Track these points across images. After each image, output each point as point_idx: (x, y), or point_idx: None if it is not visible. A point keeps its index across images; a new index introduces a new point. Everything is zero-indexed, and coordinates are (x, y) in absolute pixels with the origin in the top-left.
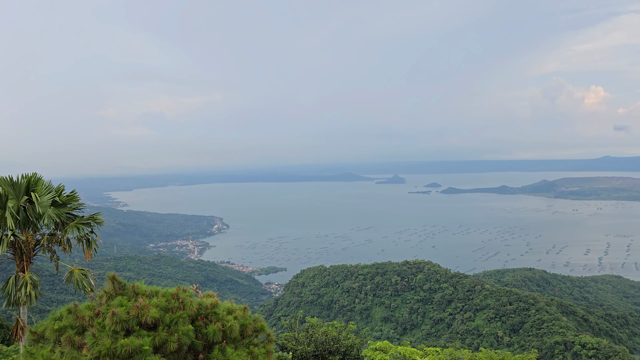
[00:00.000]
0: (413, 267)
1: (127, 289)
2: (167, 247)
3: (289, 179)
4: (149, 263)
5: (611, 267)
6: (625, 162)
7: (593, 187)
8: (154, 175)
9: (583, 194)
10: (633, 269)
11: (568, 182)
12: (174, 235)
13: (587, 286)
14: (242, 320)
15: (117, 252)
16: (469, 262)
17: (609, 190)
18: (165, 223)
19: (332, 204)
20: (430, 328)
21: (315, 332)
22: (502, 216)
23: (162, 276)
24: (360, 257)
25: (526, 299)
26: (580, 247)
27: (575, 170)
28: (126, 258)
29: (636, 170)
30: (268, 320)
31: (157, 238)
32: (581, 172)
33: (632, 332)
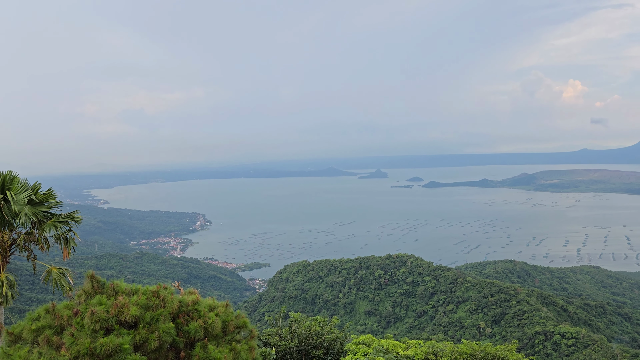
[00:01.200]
0: (396, 260)
1: (106, 287)
2: (150, 244)
3: (271, 175)
4: (131, 261)
5: (589, 258)
6: (602, 154)
7: (571, 180)
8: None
9: (562, 187)
10: (610, 260)
11: (547, 175)
12: (156, 233)
13: (566, 277)
14: (224, 316)
15: (98, 251)
16: (451, 255)
17: (587, 182)
18: (147, 220)
19: (315, 199)
20: (413, 321)
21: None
22: (483, 209)
23: (144, 274)
24: (343, 252)
25: (507, 290)
26: (559, 239)
27: (554, 163)
28: (107, 256)
29: (613, 162)
30: (252, 316)
31: (139, 235)
32: (560, 165)
33: (610, 321)
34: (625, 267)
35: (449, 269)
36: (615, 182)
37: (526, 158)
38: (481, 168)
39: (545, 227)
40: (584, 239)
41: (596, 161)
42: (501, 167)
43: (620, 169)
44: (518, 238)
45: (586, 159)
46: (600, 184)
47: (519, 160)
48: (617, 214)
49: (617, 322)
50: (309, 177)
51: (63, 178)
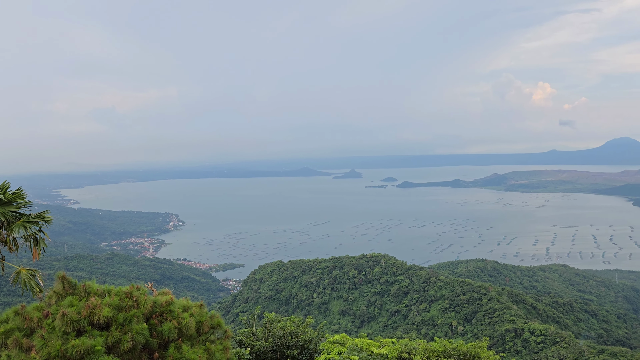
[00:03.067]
0: (370, 260)
1: (78, 288)
2: (121, 245)
3: (246, 175)
4: (102, 262)
5: (558, 257)
6: (570, 156)
7: (541, 180)
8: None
9: (532, 187)
10: (578, 258)
11: (517, 175)
12: (128, 233)
13: (536, 275)
14: (198, 317)
15: (67, 252)
16: (424, 255)
17: (555, 183)
18: (119, 221)
19: (290, 199)
20: (387, 320)
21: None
22: (456, 209)
23: (115, 275)
24: (318, 252)
25: (479, 289)
26: (529, 238)
27: (524, 164)
28: (77, 257)
29: (581, 163)
30: (226, 317)
31: (110, 236)
32: (530, 165)
33: (577, 317)
34: (591, 265)
35: (422, 268)
36: (583, 182)
37: (497, 159)
38: (453, 168)
39: (515, 227)
40: (553, 238)
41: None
42: (473, 168)
43: (588, 169)
44: (489, 237)
45: (555, 160)
46: (568, 184)
47: (490, 160)
48: (585, 214)
49: (584, 319)
50: (283, 177)
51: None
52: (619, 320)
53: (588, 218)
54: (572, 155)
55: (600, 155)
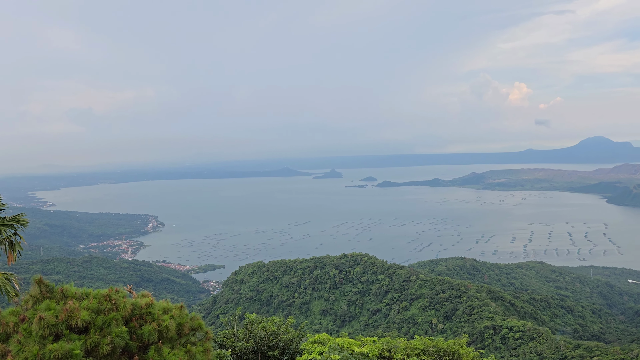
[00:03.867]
0: (351, 260)
1: (55, 292)
2: (99, 247)
3: (225, 175)
4: (79, 265)
5: (534, 254)
6: (546, 154)
7: (518, 179)
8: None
9: (509, 185)
10: (554, 255)
11: (495, 174)
12: (106, 235)
13: (514, 272)
14: (178, 319)
15: (44, 255)
16: (404, 253)
17: (532, 181)
18: (96, 223)
19: (270, 199)
20: (368, 319)
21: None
22: (435, 208)
23: (93, 278)
24: (298, 252)
25: (458, 287)
26: (506, 236)
27: (501, 163)
28: (54, 260)
29: (556, 162)
30: (206, 319)
31: (88, 239)
32: (507, 164)
33: (554, 314)
34: (567, 262)
35: (403, 267)
36: (558, 180)
37: (475, 158)
38: (432, 168)
39: (493, 225)
40: (530, 235)
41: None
42: (451, 167)
43: (563, 168)
44: (468, 236)
45: (531, 159)
46: (544, 182)
47: (468, 160)
48: (560, 212)
49: (561, 314)
50: (263, 177)
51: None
52: (594, 316)
53: (564, 215)
54: (548, 154)
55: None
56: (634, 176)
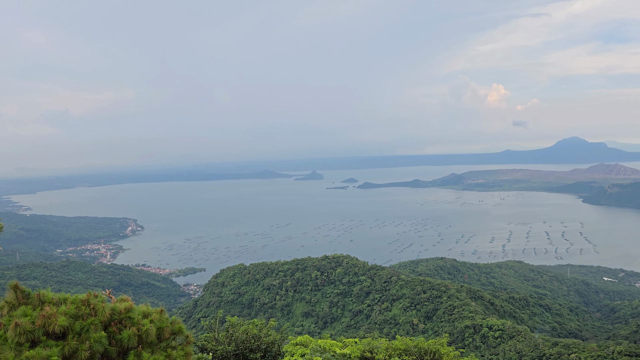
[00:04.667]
0: (332, 261)
1: (31, 297)
2: (77, 252)
3: (206, 178)
4: (57, 270)
5: (513, 253)
6: (524, 155)
7: (496, 179)
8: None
9: (488, 186)
10: (532, 254)
11: (474, 175)
12: (84, 240)
13: (493, 272)
14: (158, 323)
15: (20, 260)
16: (385, 254)
17: (510, 182)
18: (74, 227)
19: (251, 201)
20: (349, 320)
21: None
22: (415, 209)
23: (71, 283)
24: (280, 254)
25: (438, 287)
26: (486, 236)
27: (480, 164)
28: (30, 265)
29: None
30: (187, 323)
31: (65, 243)
32: (486, 165)
33: (532, 312)
34: (545, 261)
35: (384, 268)
36: (536, 181)
37: (454, 159)
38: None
39: (473, 225)
40: (508, 235)
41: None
42: (431, 168)
43: (540, 168)
44: (448, 236)
45: (509, 160)
46: (522, 183)
47: (447, 161)
48: (538, 211)
49: (539, 313)
50: (244, 179)
51: None
52: (571, 313)
53: (541, 215)
54: (525, 154)
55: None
56: (609, 176)
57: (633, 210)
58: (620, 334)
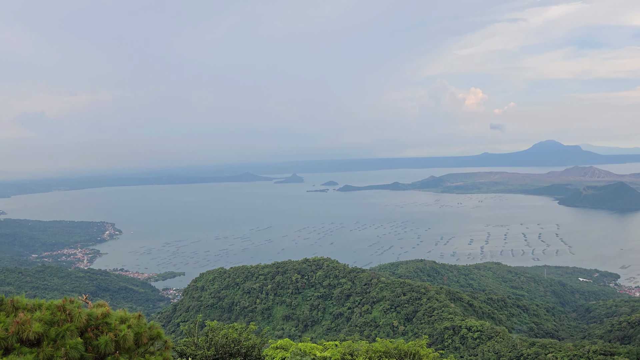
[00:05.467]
0: (313, 264)
1: (5, 303)
2: (53, 257)
3: (185, 181)
4: (32, 275)
5: (491, 255)
6: (501, 158)
7: (475, 182)
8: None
9: (466, 188)
10: (510, 256)
11: (453, 177)
12: (60, 244)
13: (472, 273)
14: (136, 328)
15: None
16: (365, 257)
17: (488, 184)
18: (50, 231)
19: (231, 204)
20: (330, 323)
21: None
22: (395, 211)
23: (47, 288)
24: (260, 257)
25: (418, 289)
26: (464, 238)
27: (459, 167)
28: (4, 271)
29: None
30: (166, 327)
31: (41, 248)
32: (464, 168)
33: (510, 313)
34: (522, 262)
35: (364, 271)
36: (513, 183)
37: (433, 162)
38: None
39: (452, 227)
40: (487, 237)
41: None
42: (411, 171)
43: (517, 171)
44: (427, 238)
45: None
46: (500, 185)
47: (427, 163)
48: (515, 213)
49: (517, 313)
50: (224, 182)
51: None
52: (547, 314)
53: (518, 217)
54: (503, 157)
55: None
56: (583, 178)
57: (606, 211)
58: (595, 334)
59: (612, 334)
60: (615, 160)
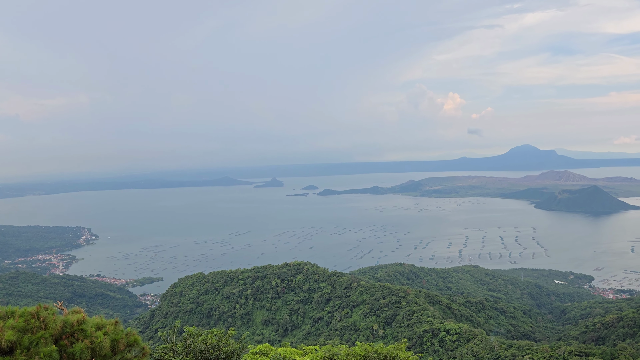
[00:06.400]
0: (292, 268)
1: None
2: (27, 262)
3: (164, 185)
4: (5, 281)
5: (469, 258)
6: (479, 162)
7: (453, 186)
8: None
9: (445, 192)
10: (487, 259)
11: (432, 181)
12: (35, 250)
13: (450, 277)
14: (113, 335)
15: None
16: (345, 261)
17: (466, 188)
18: (24, 236)
19: (210, 209)
20: (310, 327)
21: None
22: (375, 215)
23: (20, 295)
24: (240, 262)
25: (398, 292)
26: (443, 241)
27: (437, 171)
28: None
29: (488, 169)
30: (144, 334)
31: (14, 253)
32: (443, 172)
33: (488, 315)
34: (500, 265)
35: (344, 275)
36: (490, 187)
37: (412, 166)
38: (372, 176)
39: (431, 231)
40: (465, 240)
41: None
42: (390, 175)
43: (494, 175)
44: (407, 242)
45: (465, 167)
46: (477, 189)
47: (406, 167)
48: (493, 217)
49: (494, 316)
50: (203, 187)
51: None
52: (524, 316)
53: (496, 221)
54: (481, 161)
55: (505, 161)
56: (559, 182)
57: (581, 215)
58: (571, 335)
59: (587, 335)
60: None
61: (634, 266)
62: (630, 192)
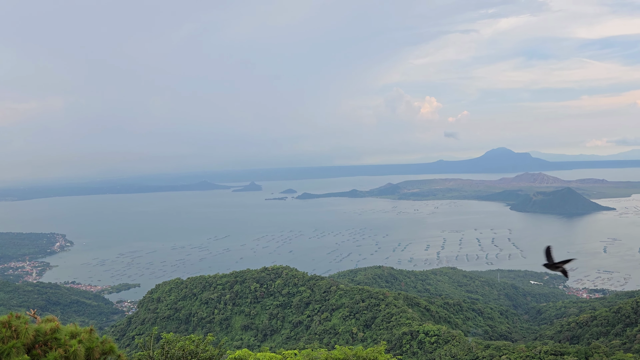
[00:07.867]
0: (271, 273)
1: None
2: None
3: (140, 190)
4: None
5: (447, 260)
6: (456, 165)
7: (430, 189)
8: None
9: (422, 195)
10: (465, 261)
11: (409, 184)
12: (7, 257)
13: (428, 279)
14: (87, 343)
15: None
16: (324, 264)
17: (443, 190)
18: None
19: (188, 214)
20: (289, 332)
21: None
22: (354, 218)
23: None
24: (218, 267)
25: (377, 295)
26: (421, 244)
27: (415, 174)
28: None
29: (465, 172)
30: (121, 341)
31: None
32: (420, 175)
33: (466, 316)
34: (477, 266)
35: (323, 278)
36: (467, 189)
37: (390, 169)
38: (350, 179)
39: (409, 234)
40: (443, 242)
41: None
42: (368, 178)
43: (471, 177)
44: (385, 245)
45: (442, 169)
46: (454, 191)
47: (384, 171)
48: (469, 219)
49: (472, 317)
50: (181, 191)
51: None
52: (501, 317)
53: (473, 223)
54: (457, 164)
55: (481, 164)
56: (533, 184)
57: (555, 216)
58: (546, 334)
59: (562, 334)
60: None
61: (607, 266)
62: (602, 194)
